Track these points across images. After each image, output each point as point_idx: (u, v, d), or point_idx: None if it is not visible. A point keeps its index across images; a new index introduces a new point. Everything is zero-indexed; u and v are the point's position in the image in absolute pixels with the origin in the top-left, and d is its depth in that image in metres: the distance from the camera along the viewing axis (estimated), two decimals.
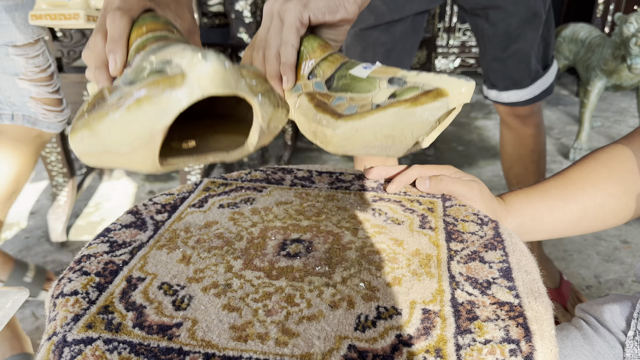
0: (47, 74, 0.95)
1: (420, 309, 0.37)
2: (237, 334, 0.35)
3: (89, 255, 0.43)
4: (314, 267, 0.42)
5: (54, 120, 0.99)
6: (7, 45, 0.88)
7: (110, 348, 0.33)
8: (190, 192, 0.54)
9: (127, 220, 0.48)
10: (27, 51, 0.90)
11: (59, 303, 0.38)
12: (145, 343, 0.34)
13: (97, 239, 0.45)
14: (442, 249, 0.45)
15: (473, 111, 2.69)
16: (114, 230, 0.46)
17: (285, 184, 0.56)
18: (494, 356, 0.34)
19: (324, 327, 0.35)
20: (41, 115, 0.96)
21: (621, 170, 0.58)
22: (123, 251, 0.43)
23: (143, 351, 0.33)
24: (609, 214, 0.59)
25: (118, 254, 0.43)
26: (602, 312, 0.59)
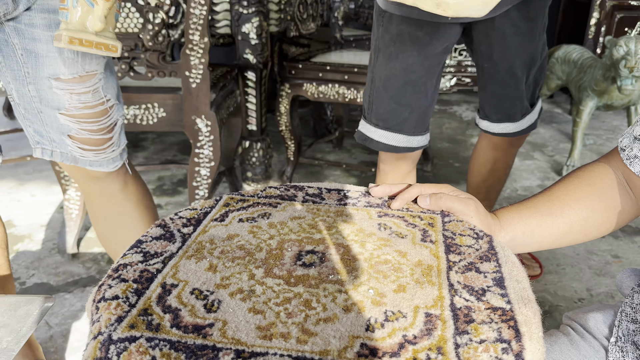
0: (93, 110, 0.87)
1: (423, 312, 0.42)
2: (263, 333, 0.39)
3: (125, 265, 0.48)
4: (328, 276, 0.46)
5: (94, 158, 0.90)
6: (51, 78, 0.82)
7: (152, 345, 0.38)
8: (212, 207, 0.59)
9: (156, 233, 0.53)
10: (73, 86, 0.83)
11: (101, 307, 0.43)
12: (182, 341, 0.38)
13: (131, 250, 0.50)
14: (442, 260, 0.50)
15: (469, 129, 2.76)
16: (146, 242, 0.51)
17: (298, 200, 0.61)
18: (488, 354, 0.38)
19: (339, 328, 0.40)
20: (78, 154, 0.89)
21: (602, 187, 0.64)
22: (156, 260, 0.48)
23: (181, 348, 0.38)
24: (592, 227, 0.64)
25: (151, 263, 0.48)
26: (587, 319, 0.64)
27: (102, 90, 0.86)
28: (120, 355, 0.38)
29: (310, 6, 1.80)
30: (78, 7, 0.66)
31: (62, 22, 0.70)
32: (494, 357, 0.38)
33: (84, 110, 0.85)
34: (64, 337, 1.14)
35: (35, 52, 0.79)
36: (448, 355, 0.38)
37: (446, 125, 2.81)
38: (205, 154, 1.35)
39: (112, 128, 0.90)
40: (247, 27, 1.55)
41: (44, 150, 0.89)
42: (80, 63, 0.82)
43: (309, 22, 1.81)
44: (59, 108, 0.84)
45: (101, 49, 0.69)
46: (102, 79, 0.86)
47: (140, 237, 0.52)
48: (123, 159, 0.94)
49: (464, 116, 3.00)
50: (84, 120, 0.85)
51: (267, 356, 0.37)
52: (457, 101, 3.32)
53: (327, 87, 1.73)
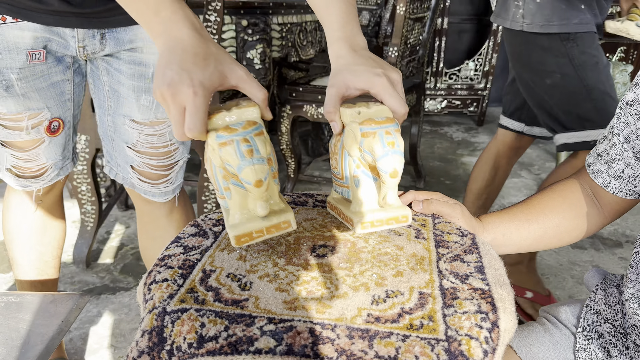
0: (157, 150, 0.94)
1: (417, 291, 0.52)
2: (288, 306, 0.49)
3: (169, 255, 0.57)
4: (339, 264, 0.56)
5: (149, 189, 0.98)
6: (126, 116, 0.91)
7: (201, 314, 0.47)
8: None
9: (192, 231, 0.62)
10: (143, 128, 0.92)
11: (153, 287, 0.52)
12: (224, 311, 0.48)
13: (172, 244, 0.59)
14: (433, 253, 0.60)
15: (459, 149, 2.88)
16: (184, 238, 0.61)
17: (309, 205, 0.71)
18: (470, 322, 0.48)
19: (349, 302, 0.50)
20: (136, 182, 0.97)
21: (573, 198, 0.74)
22: (194, 252, 0.58)
23: (224, 316, 0.47)
24: (564, 233, 0.74)
25: (191, 254, 0.57)
26: (559, 312, 0.74)
27: (168, 135, 0.94)
28: (175, 322, 0.47)
29: (310, 33, 1.93)
30: (235, 195, 0.56)
31: (225, 212, 0.59)
32: (474, 324, 0.48)
33: (149, 149, 0.93)
34: (82, 339, 1.22)
35: (118, 93, 0.90)
36: (437, 322, 0.47)
37: (437, 145, 2.94)
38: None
39: (172, 167, 0.97)
40: (251, 53, 1.66)
41: (111, 169, 0.99)
42: (154, 111, 0.91)
43: (309, 48, 1.93)
44: (127, 142, 0.93)
45: (273, 232, 0.56)
46: (170, 126, 0.94)
47: (179, 235, 0.62)
48: (175, 193, 1.01)
49: (455, 137, 3.13)
50: (147, 156, 0.94)
51: (293, 321, 0.46)
52: (448, 122, 3.46)
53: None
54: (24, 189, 0.94)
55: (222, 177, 0.55)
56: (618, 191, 0.68)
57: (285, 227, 0.57)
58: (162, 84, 0.52)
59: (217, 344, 0.44)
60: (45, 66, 0.84)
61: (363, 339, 0.45)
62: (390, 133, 0.54)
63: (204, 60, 0.54)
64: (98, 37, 0.86)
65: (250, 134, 0.51)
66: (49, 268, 1.05)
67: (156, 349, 0.47)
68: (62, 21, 0.82)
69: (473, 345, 0.45)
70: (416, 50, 1.96)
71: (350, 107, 0.58)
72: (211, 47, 0.56)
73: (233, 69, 0.56)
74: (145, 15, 0.58)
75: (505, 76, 3.92)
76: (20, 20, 0.80)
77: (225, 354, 0.44)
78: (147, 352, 0.47)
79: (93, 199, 1.47)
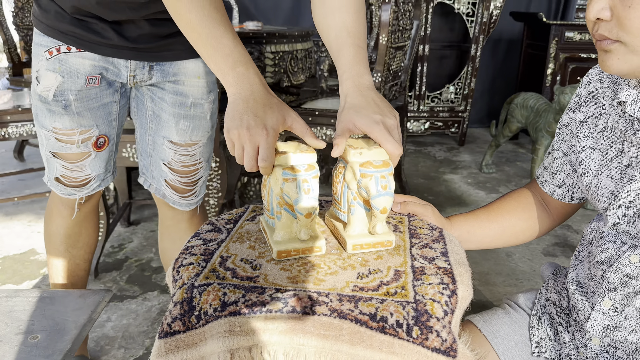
0: (188, 169, 1.08)
1: (393, 269, 0.65)
2: (292, 281, 0.61)
3: (192, 246, 0.70)
4: (330, 251, 0.69)
5: (177, 200, 1.11)
6: (165, 138, 1.05)
7: (222, 286, 0.60)
8: (243, 212, 0.81)
9: (208, 228, 0.75)
10: (179, 149, 1.05)
11: (182, 270, 0.65)
12: (241, 285, 0.60)
13: (192, 238, 0.72)
14: (407, 242, 0.73)
15: (442, 167, 3.04)
16: (202, 233, 0.74)
17: None
18: (434, 290, 0.61)
19: (339, 278, 0.63)
20: (167, 193, 1.10)
21: (526, 203, 0.88)
22: (212, 243, 0.70)
23: (241, 287, 0.60)
24: (519, 232, 0.88)
25: (210, 245, 0.70)
26: (517, 298, 0.88)
27: (198, 154, 1.09)
28: (202, 293, 0.60)
29: (300, 60, 2.09)
30: (284, 218, 0.68)
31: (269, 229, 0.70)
32: (437, 292, 0.61)
33: (181, 167, 1.08)
34: (95, 342, 1.32)
35: (160, 117, 1.05)
36: (408, 290, 0.60)
37: (421, 163, 3.10)
38: (214, 186, 1.58)
39: (196, 182, 1.12)
40: None
41: (145, 180, 1.13)
42: (189, 134, 1.06)
43: (299, 74, 2.09)
44: (164, 159, 1.07)
45: (307, 253, 0.67)
46: (202, 146, 1.09)
47: (198, 231, 0.75)
48: (198, 204, 1.16)
49: (437, 156, 3.30)
50: (178, 173, 1.08)
51: (295, 291, 0.59)
52: (431, 142, 3.63)
53: (317, 129, 1.99)
54: (68, 197, 1.07)
55: (277, 202, 0.68)
56: (562, 197, 0.83)
57: (317, 251, 0.68)
58: (240, 126, 0.67)
59: (237, 307, 0.57)
60: (98, 89, 0.99)
61: (350, 302, 0.58)
62: (384, 177, 0.66)
63: (271, 109, 0.70)
64: (147, 68, 1.01)
65: (310, 175, 0.65)
66: (80, 270, 1.17)
67: (187, 315, 0.59)
68: (118, 53, 0.98)
69: (435, 306, 0.58)
70: (398, 76, 2.13)
71: (354, 148, 0.69)
72: (273, 98, 0.72)
73: (289, 113, 0.71)
74: (222, 69, 0.74)
75: (483, 99, 4.13)
76: (83, 50, 0.95)
77: (243, 314, 0.57)
78: (180, 317, 0.59)
79: (102, 214, 1.58)
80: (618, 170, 0.68)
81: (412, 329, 0.55)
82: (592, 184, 0.71)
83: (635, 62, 0.56)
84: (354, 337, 0.54)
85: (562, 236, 2.08)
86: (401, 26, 1.94)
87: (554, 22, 3.25)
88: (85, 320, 0.84)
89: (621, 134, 0.68)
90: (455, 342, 0.55)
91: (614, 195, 0.67)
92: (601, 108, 0.73)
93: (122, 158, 1.54)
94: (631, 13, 0.54)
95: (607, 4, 0.56)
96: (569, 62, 3.37)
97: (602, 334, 0.68)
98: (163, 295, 1.57)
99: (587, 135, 0.74)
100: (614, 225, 0.67)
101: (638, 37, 0.54)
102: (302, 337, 0.55)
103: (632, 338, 0.65)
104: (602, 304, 0.67)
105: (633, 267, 0.64)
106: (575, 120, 0.77)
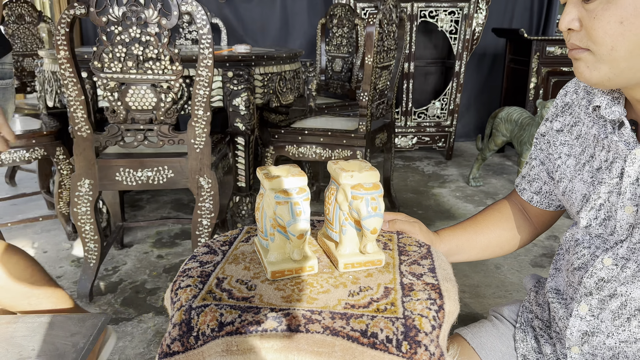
0: None
1: (383, 286, 0.68)
2: (285, 300, 0.64)
3: (188, 269, 0.72)
4: (323, 269, 0.72)
5: None
6: None
7: (219, 307, 0.62)
8: (238, 234, 0.84)
9: (204, 250, 0.78)
10: None
11: (179, 292, 0.67)
12: (237, 305, 0.63)
13: (189, 260, 0.75)
14: (396, 260, 0.76)
15: (430, 181, 3.09)
16: (198, 256, 0.76)
17: None
18: (422, 305, 0.64)
19: (331, 296, 0.65)
20: None
21: (508, 214, 0.92)
22: (208, 265, 0.73)
23: (237, 308, 0.62)
24: (504, 242, 0.92)
25: (206, 267, 0.73)
26: (503, 310, 0.91)
27: None
28: (200, 314, 0.62)
29: (289, 81, 2.13)
30: (277, 239, 0.71)
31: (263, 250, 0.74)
32: (425, 307, 0.64)
33: None
34: None
35: None
36: (397, 306, 0.63)
37: (410, 178, 3.14)
38: (206, 206, 1.60)
39: None
40: (237, 100, 1.85)
41: None
42: None
43: (288, 94, 2.13)
44: None
45: (300, 272, 0.70)
46: None
47: (194, 253, 0.77)
48: None
49: (426, 170, 3.35)
50: None
51: (289, 310, 0.62)
52: (419, 157, 3.68)
53: (306, 148, 2.03)
54: None
55: (270, 224, 0.70)
56: (540, 204, 0.87)
57: (310, 270, 0.71)
58: None
59: (234, 327, 0.60)
60: None
61: (342, 319, 0.60)
62: (374, 199, 0.69)
63: None
64: None
65: (301, 198, 0.67)
66: None
67: (185, 336, 0.62)
68: None
69: (424, 321, 0.61)
70: (385, 94, 2.18)
71: (346, 170, 0.72)
72: None
73: None
74: None
75: (469, 114, 4.21)
76: None
77: (240, 333, 0.59)
78: (178, 338, 0.62)
79: (96, 237, 1.60)
80: (590, 174, 0.72)
81: (401, 344, 0.57)
82: (567, 189, 0.75)
83: (603, 71, 0.60)
84: (346, 353, 0.57)
85: (550, 247, 2.12)
86: (386, 46, 2.00)
87: (535, 37, 3.34)
88: (83, 344, 0.86)
89: (594, 139, 0.72)
90: (442, 356, 0.58)
91: (585, 197, 0.71)
92: (576, 117, 0.77)
93: (115, 182, 1.56)
94: (596, 24, 0.58)
95: (577, 16, 0.61)
96: (551, 76, 3.46)
97: (582, 340, 0.71)
98: (158, 317, 1.58)
99: (563, 143, 0.78)
100: (586, 228, 0.71)
101: (603, 46, 0.59)
102: (297, 354, 0.57)
103: (609, 342, 0.69)
104: (579, 309, 0.71)
105: (607, 270, 0.67)
106: (552, 129, 0.81)
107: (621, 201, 0.66)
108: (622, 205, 0.66)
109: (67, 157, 1.97)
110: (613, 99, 0.68)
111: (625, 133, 0.66)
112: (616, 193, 0.67)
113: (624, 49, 0.58)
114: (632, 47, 0.57)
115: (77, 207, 1.57)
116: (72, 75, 1.44)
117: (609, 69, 0.60)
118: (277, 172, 0.71)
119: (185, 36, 3.28)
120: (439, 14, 3.34)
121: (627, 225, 0.66)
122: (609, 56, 0.59)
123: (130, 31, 1.41)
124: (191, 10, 1.41)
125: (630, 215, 0.65)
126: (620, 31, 0.57)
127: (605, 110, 0.68)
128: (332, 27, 3.12)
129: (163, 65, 1.46)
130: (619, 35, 0.57)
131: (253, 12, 3.76)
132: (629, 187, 0.65)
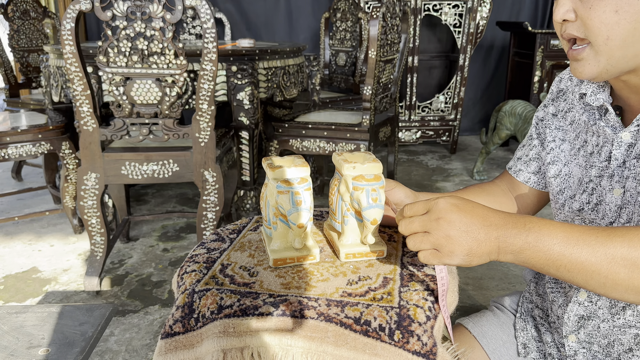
0: None
1: (382, 276, 0.69)
2: (285, 287, 0.66)
3: (196, 254, 0.74)
4: (325, 259, 0.74)
5: None
6: None
7: (220, 291, 0.64)
8: (247, 223, 0.86)
9: (212, 238, 0.80)
10: None
11: (185, 276, 0.69)
12: (237, 290, 0.65)
13: (197, 247, 0.76)
14: (399, 251, 0.77)
15: (434, 175, 3.10)
16: (206, 243, 0.78)
17: None
18: (419, 296, 0.65)
19: (330, 284, 0.67)
20: None
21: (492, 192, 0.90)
22: (215, 252, 0.75)
23: (237, 293, 0.64)
24: None
25: (212, 253, 0.74)
26: (504, 300, 0.92)
27: None
28: (201, 298, 0.64)
29: (293, 75, 2.14)
30: (280, 228, 0.72)
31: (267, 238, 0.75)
32: (421, 298, 0.64)
33: None
34: (99, 356, 1.35)
35: None
36: (394, 296, 0.64)
37: (414, 172, 3.15)
38: (211, 200, 1.62)
39: None
40: (241, 95, 1.86)
41: None
42: None
43: (292, 88, 2.15)
44: None
45: (301, 260, 0.72)
46: None
47: (203, 240, 0.79)
48: None
49: (430, 164, 3.35)
50: None
51: (287, 296, 0.63)
52: (423, 151, 3.69)
53: (310, 142, 2.04)
54: None
55: (273, 213, 0.72)
56: (537, 185, 0.86)
57: (312, 259, 0.72)
58: None
59: (232, 310, 0.61)
60: None
61: (337, 306, 0.62)
62: (375, 190, 0.70)
63: None
64: None
65: (302, 188, 0.69)
66: None
67: (187, 318, 0.63)
68: None
69: (418, 312, 0.62)
70: (388, 88, 2.18)
71: (349, 162, 0.73)
72: None
73: None
74: None
75: (473, 107, 4.20)
76: None
77: (237, 316, 0.61)
78: (180, 320, 0.64)
79: (102, 230, 1.62)
80: (584, 159, 0.74)
81: (394, 333, 0.59)
82: (562, 172, 0.77)
83: (602, 63, 0.61)
84: (338, 339, 0.59)
85: None
86: (389, 40, 2.00)
87: (539, 30, 3.33)
88: (92, 333, 0.88)
89: (584, 125, 0.74)
90: (435, 347, 0.59)
91: (580, 181, 0.73)
92: (570, 103, 0.79)
93: (121, 175, 1.58)
94: (592, 13, 0.59)
95: (571, 7, 0.61)
96: (555, 69, 3.44)
97: (578, 324, 0.72)
98: (164, 309, 1.60)
99: (558, 128, 0.80)
100: (580, 212, 0.72)
101: (599, 36, 0.59)
102: (290, 338, 0.59)
103: (603, 326, 0.70)
104: (578, 296, 0.72)
105: None
106: (548, 114, 0.83)
107: (610, 184, 0.68)
108: (611, 188, 0.68)
109: (73, 151, 1.99)
110: (598, 87, 0.70)
111: (610, 119, 0.68)
112: (606, 176, 0.69)
113: (619, 38, 0.59)
114: (626, 35, 0.58)
115: (83, 201, 1.59)
116: (78, 70, 1.46)
117: (607, 59, 0.61)
118: (281, 162, 0.73)
119: (189, 31, 3.30)
120: (443, 8, 3.34)
121: (616, 207, 0.68)
122: (605, 46, 0.60)
123: (135, 26, 1.43)
124: (195, 5, 1.42)
125: (619, 197, 0.67)
126: (616, 20, 0.58)
127: (590, 98, 0.70)
128: (336, 21, 3.12)
129: (168, 59, 1.48)
130: (615, 24, 0.58)
131: (256, 7, 3.77)
132: (616, 170, 0.67)
